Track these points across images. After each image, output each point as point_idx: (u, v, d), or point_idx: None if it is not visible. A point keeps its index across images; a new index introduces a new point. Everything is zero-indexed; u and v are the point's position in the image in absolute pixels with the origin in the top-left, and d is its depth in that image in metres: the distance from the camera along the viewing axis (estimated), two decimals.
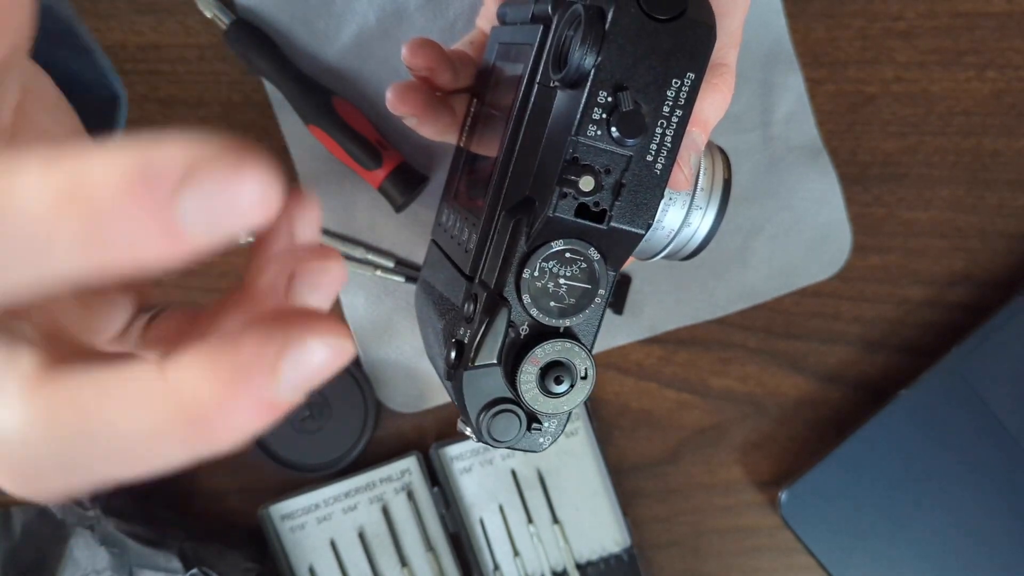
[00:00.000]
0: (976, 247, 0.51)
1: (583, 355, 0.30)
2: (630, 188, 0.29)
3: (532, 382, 0.30)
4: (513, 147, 0.31)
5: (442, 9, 0.48)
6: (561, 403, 0.31)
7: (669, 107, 0.29)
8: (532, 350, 0.30)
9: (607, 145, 0.29)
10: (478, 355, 0.30)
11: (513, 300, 0.30)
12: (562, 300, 0.30)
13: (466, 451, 0.51)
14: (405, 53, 0.37)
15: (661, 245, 0.34)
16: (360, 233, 0.50)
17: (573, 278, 0.30)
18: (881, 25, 0.49)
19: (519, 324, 0.30)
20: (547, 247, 0.30)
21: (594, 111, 0.28)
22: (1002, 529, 0.49)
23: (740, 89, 0.49)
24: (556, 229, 0.29)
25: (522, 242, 0.30)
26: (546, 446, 0.32)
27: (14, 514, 0.50)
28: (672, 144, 0.29)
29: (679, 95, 0.29)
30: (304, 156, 0.49)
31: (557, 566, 0.51)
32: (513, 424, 0.31)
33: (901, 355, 0.51)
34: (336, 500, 0.50)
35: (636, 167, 0.29)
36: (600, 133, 0.28)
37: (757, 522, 0.52)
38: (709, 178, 0.34)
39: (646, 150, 0.29)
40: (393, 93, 0.38)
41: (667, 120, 0.29)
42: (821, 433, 0.52)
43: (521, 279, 0.30)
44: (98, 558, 0.49)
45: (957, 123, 0.50)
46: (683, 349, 0.51)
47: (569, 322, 0.31)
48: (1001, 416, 0.49)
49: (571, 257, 0.30)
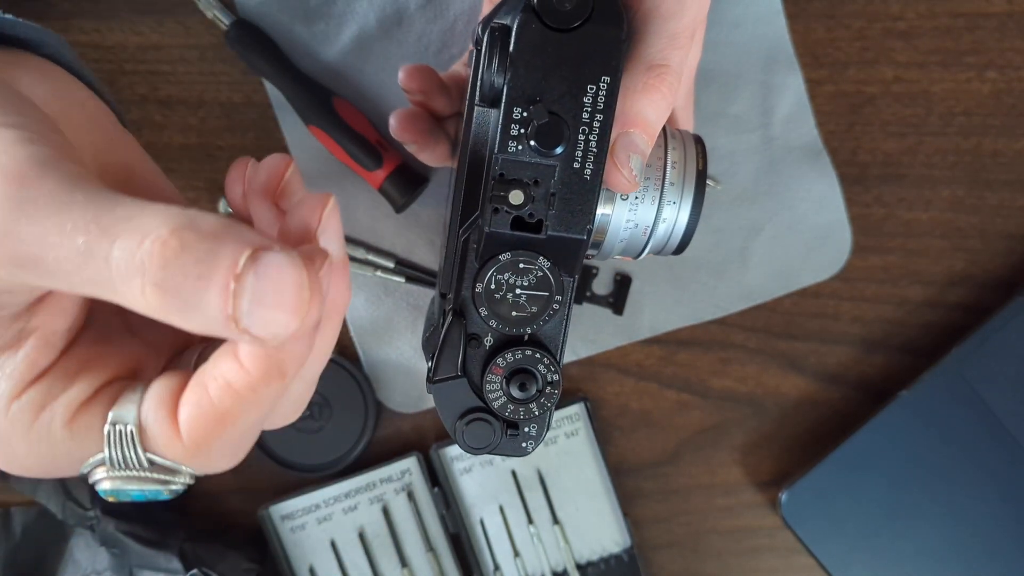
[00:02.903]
0: (976, 247, 0.51)
1: (546, 361, 0.32)
2: (561, 196, 0.30)
3: (498, 391, 0.32)
4: (463, 167, 0.32)
5: (442, 10, 0.48)
6: (531, 409, 0.32)
7: (588, 113, 0.29)
8: (494, 359, 0.31)
9: (530, 158, 0.29)
10: (438, 369, 0.32)
11: (471, 313, 0.31)
12: (524, 309, 0.31)
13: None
14: (402, 77, 0.39)
15: (640, 243, 0.34)
16: (360, 233, 0.50)
17: (530, 287, 0.31)
18: (881, 25, 0.49)
19: (483, 336, 0.32)
20: (495, 261, 0.31)
21: (512, 127, 0.29)
22: (1002, 529, 0.49)
23: (740, 90, 0.49)
24: (498, 243, 0.30)
25: (472, 259, 0.31)
26: (531, 450, 0.33)
27: (14, 514, 0.50)
28: (598, 148, 0.30)
29: (597, 100, 0.29)
30: (304, 157, 0.49)
31: (557, 566, 0.51)
32: (486, 432, 0.32)
33: (901, 355, 0.51)
34: (336, 500, 0.50)
35: (564, 175, 0.30)
36: (521, 148, 0.29)
37: (757, 522, 0.52)
38: (679, 171, 0.34)
39: (572, 158, 0.30)
40: (396, 120, 0.40)
41: (588, 126, 0.29)
42: (821, 434, 0.52)
43: (475, 293, 0.31)
44: (98, 558, 0.49)
45: (957, 123, 0.50)
46: (683, 349, 0.51)
47: (531, 330, 0.32)
48: (1001, 416, 0.49)
49: (524, 268, 0.31)
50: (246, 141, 0.50)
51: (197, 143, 0.50)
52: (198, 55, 0.49)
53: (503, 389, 0.32)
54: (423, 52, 0.48)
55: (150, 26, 0.49)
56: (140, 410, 0.25)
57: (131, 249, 0.21)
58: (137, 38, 0.49)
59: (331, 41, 0.48)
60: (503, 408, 0.32)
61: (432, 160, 0.42)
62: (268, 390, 0.24)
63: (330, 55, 0.49)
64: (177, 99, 0.49)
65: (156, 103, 0.49)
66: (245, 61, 0.48)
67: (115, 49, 0.49)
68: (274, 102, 0.49)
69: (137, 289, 0.21)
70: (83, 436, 0.25)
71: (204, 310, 0.21)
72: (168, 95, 0.49)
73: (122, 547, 0.48)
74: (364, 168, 0.48)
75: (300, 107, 0.48)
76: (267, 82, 0.49)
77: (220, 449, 0.25)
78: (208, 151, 0.50)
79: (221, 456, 0.26)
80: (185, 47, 0.49)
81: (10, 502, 0.50)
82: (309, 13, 0.48)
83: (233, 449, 0.26)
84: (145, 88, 0.49)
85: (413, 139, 0.40)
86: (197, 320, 0.21)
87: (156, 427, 0.25)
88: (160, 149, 0.49)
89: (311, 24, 0.48)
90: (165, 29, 0.49)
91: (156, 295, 0.21)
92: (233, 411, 0.24)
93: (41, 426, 0.25)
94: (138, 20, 0.49)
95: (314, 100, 0.48)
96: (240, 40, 0.47)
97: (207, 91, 0.49)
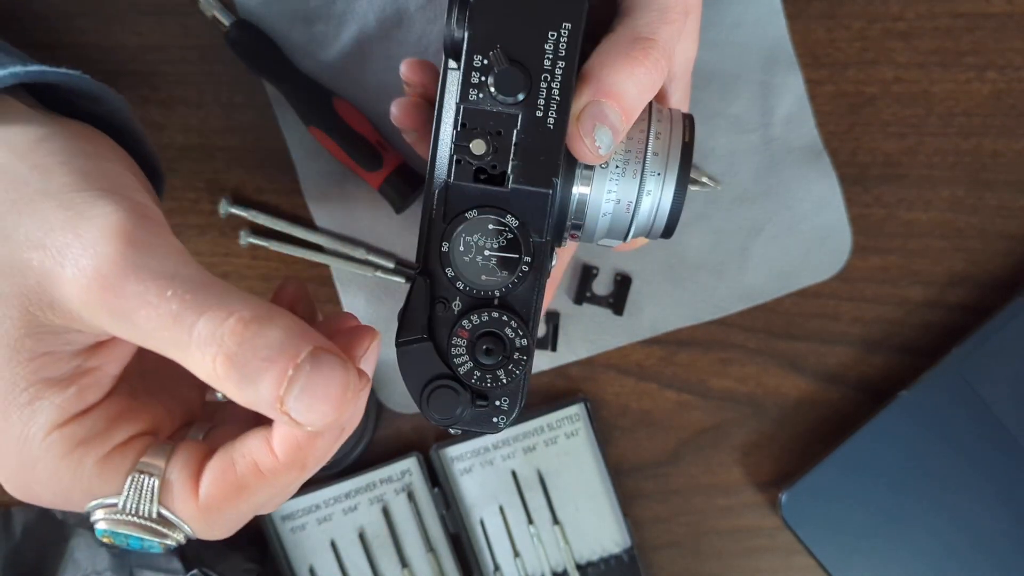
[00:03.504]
0: (976, 248, 0.51)
1: (514, 324, 0.30)
2: (524, 147, 0.29)
3: (464, 355, 0.30)
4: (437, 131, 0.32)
5: (442, 10, 0.48)
6: (499, 376, 0.30)
7: (550, 60, 0.29)
8: (459, 321, 0.30)
9: (491, 106, 0.29)
10: (402, 330, 0.31)
11: (439, 275, 0.30)
12: (493, 273, 0.30)
13: (466, 452, 0.51)
14: (403, 69, 0.39)
15: (625, 222, 0.34)
16: (360, 234, 0.50)
17: (500, 249, 0.30)
18: (881, 26, 0.50)
19: (450, 299, 0.31)
20: (461, 219, 0.30)
21: (472, 75, 0.29)
22: (1002, 530, 0.49)
23: (740, 90, 0.50)
24: (462, 197, 0.30)
25: (439, 218, 0.30)
26: (503, 426, 0.31)
27: (14, 514, 0.50)
28: (561, 97, 0.29)
29: (558, 47, 0.29)
30: (304, 157, 0.49)
31: (557, 567, 0.51)
32: (452, 400, 0.30)
33: (901, 356, 0.51)
34: (336, 501, 0.50)
35: (527, 124, 0.29)
36: (482, 96, 0.29)
37: (757, 523, 0.52)
38: (664, 142, 0.33)
39: (534, 106, 0.29)
40: (397, 107, 0.40)
41: (550, 73, 0.29)
42: (821, 434, 0.52)
43: (442, 252, 0.30)
44: (98, 558, 0.49)
45: (957, 124, 0.50)
46: (683, 350, 0.51)
47: (499, 292, 0.30)
48: (1001, 416, 0.49)
49: (494, 229, 0.30)
50: (246, 141, 0.50)
51: (197, 143, 0.50)
52: (198, 55, 0.49)
53: (469, 354, 0.30)
54: (423, 52, 0.48)
55: (150, 26, 0.49)
56: (167, 466, 0.28)
57: (216, 322, 0.25)
58: (137, 38, 0.49)
59: (331, 41, 0.48)
60: (469, 374, 0.30)
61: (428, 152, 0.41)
62: (287, 478, 0.28)
63: (330, 55, 0.49)
64: (177, 99, 0.49)
65: (156, 103, 0.49)
66: (245, 61, 0.48)
67: (115, 49, 0.49)
68: (274, 102, 0.49)
69: (209, 356, 0.25)
70: (108, 476, 0.28)
71: (259, 387, 0.25)
72: (168, 95, 0.49)
73: None
74: (364, 168, 0.48)
75: (300, 107, 0.48)
76: (267, 83, 0.49)
77: (226, 517, 0.28)
78: (208, 151, 0.50)
79: (223, 524, 0.29)
80: (185, 47, 0.49)
81: (10, 502, 0.50)
82: (309, 14, 0.48)
83: (235, 521, 0.29)
84: (146, 88, 0.49)
85: (413, 126, 0.40)
86: (250, 394, 0.25)
87: (178, 484, 0.28)
88: (160, 149, 0.49)
89: (311, 24, 0.48)
90: (166, 29, 0.49)
91: (224, 365, 0.25)
92: (251, 487, 0.28)
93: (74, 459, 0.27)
94: (138, 20, 0.49)
95: (314, 100, 0.48)
96: (240, 40, 0.47)
97: (207, 91, 0.49)
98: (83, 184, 0.27)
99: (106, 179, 0.28)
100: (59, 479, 0.27)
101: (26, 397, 0.27)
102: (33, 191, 0.27)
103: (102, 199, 0.27)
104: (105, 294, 0.25)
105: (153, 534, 0.28)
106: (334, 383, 0.25)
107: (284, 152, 0.49)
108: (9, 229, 0.27)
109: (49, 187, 0.27)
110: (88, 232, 0.26)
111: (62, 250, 0.26)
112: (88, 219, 0.26)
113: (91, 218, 0.26)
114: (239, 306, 0.25)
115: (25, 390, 0.27)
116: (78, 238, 0.26)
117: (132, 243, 0.25)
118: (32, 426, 0.27)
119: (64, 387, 0.27)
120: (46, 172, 0.28)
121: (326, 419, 0.25)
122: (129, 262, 0.25)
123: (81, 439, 0.27)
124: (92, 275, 0.25)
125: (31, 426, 0.27)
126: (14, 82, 0.30)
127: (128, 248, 0.25)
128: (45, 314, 0.26)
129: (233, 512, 0.28)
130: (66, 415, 0.27)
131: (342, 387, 0.25)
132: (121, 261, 0.25)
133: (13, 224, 0.27)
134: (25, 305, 0.26)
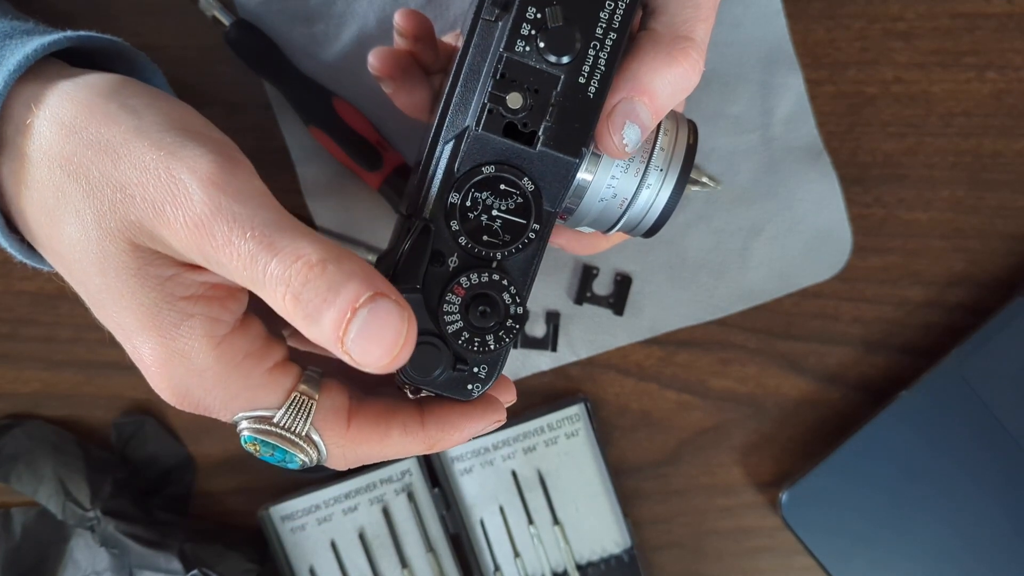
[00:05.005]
0: (976, 248, 0.51)
1: (512, 291, 0.30)
2: (560, 109, 0.28)
3: (456, 314, 0.30)
4: (456, 81, 0.31)
5: (442, 10, 0.48)
6: (487, 341, 0.30)
7: (603, 28, 0.28)
8: (457, 278, 0.30)
9: (536, 63, 0.28)
10: (397, 278, 0.30)
11: (441, 227, 0.30)
12: (496, 235, 0.30)
13: (466, 452, 0.51)
14: (396, 17, 0.39)
15: (615, 215, 0.33)
16: (360, 234, 0.50)
17: (508, 212, 0.29)
18: (881, 26, 0.50)
19: (448, 255, 0.30)
20: (477, 172, 0.29)
21: (523, 27, 0.28)
22: (1002, 530, 0.49)
23: (740, 90, 0.50)
24: (484, 150, 0.29)
25: (455, 167, 0.29)
26: (475, 394, 0.31)
27: (14, 514, 0.50)
28: (606, 68, 0.28)
29: (613, 17, 0.28)
30: (304, 157, 0.49)
31: (557, 567, 0.51)
32: (434, 358, 0.30)
33: (901, 356, 0.52)
34: (336, 501, 0.50)
35: (567, 88, 0.28)
36: (528, 49, 0.28)
37: (758, 523, 0.52)
38: (671, 138, 0.32)
39: (578, 72, 0.28)
40: (374, 55, 0.39)
41: (600, 42, 0.28)
42: (821, 434, 0.52)
43: (450, 204, 0.29)
44: (98, 559, 0.49)
45: (957, 124, 0.50)
46: (683, 350, 0.51)
47: (499, 256, 0.30)
48: (1001, 417, 0.49)
49: (505, 189, 0.29)
50: (246, 141, 0.50)
51: None
52: (198, 55, 0.49)
53: (461, 312, 0.30)
54: None
55: (150, 26, 0.49)
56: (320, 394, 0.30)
57: (285, 264, 0.26)
58: (137, 38, 0.48)
59: (331, 42, 0.48)
60: (457, 335, 0.30)
61: (408, 106, 0.40)
62: (417, 446, 0.31)
63: (330, 55, 0.49)
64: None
65: None
66: (245, 61, 0.48)
67: None
68: (274, 102, 0.49)
69: (279, 295, 0.26)
70: (273, 387, 0.30)
71: (321, 326, 0.26)
72: None
73: (122, 547, 0.48)
74: (364, 168, 0.48)
75: (300, 107, 0.48)
76: (267, 83, 0.49)
77: (360, 451, 0.31)
78: None
79: (354, 458, 0.31)
80: (185, 47, 0.49)
81: (10, 502, 0.50)
82: (309, 13, 0.48)
83: (363, 458, 0.31)
84: None
85: (390, 74, 0.39)
86: (315, 331, 0.26)
87: (332, 412, 0.30)
88: None
89: (311, 24, 0.48)
90: (166, 29, 0.49)
91: (291, 303, 0.26)
92: (391, 439, 0.31)
93: (245, 368, 0.29)
94: (138, 20, 0.49)
95: (314, 100, 0.48)
96: (240, 40, 0.47)
97: (207, 91, 0.49)
98: (170, 124, 0.29)
99: (188, 121, 0.30)
100: (227, 386, 0.29)
101: (174, 316, 0.28)
102: (126, 128, 0.29)
103: (191, 140, 0.28)
104: (196, 235, 0.27)
105: (297, 449, 0.30)
106: (389, 328, 0.26)
107: (284, 152, 0.49)
108: (109, 167, 0.28)
109: (141, 125, 0.29)
110: (182, 174, 0.27)
111: (159, 189, 0.27)
112: (180, 160, 0.28)
113: (183, 159, 0.28)
114: (309, 249, 0.26)
115: (171, 310, 0.28)
116: (172, 180, 0.27)
117: (221, 187, 0.27)
118: (195, 339, 0.28)
119: (206, 302, 0.29)
120: (135, 112, 0.29)
121: (380, 362, 0.26)
122: (218, 206, 0.27)
123: (248, 352, 0.29)
124: (185, 218, 0.27)
125: (194, 339, 0.28)
126: (68, 44, 0.33)
127: (218, 192, 0.27)
128: (154, 244, 0.28)
129: (366, 450, 0.31)
130: (223, 327, 0.29)
131: (396, 333, 0.26)
132: (211, 204, 0.27)
133: (113, 162, 0.28)
134: (132, 239, 0.28)
